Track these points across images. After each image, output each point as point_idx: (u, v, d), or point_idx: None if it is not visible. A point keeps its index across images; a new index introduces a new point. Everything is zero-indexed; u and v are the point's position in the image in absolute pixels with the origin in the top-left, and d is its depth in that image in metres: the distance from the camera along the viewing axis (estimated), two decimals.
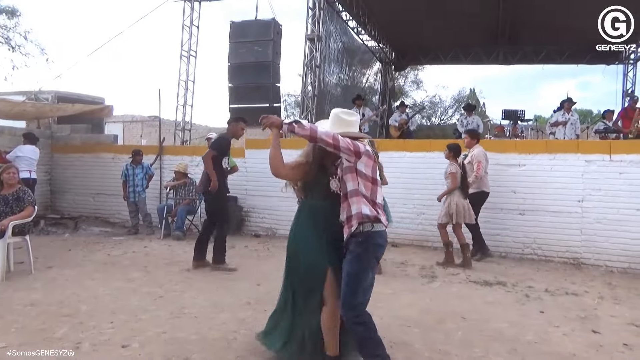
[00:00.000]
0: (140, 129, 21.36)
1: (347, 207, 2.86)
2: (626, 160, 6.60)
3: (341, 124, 2.95)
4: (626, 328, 4.20)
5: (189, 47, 11.28)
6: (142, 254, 6.80)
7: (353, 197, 2.83)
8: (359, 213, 2.80)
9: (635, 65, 14.47)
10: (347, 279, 2.80)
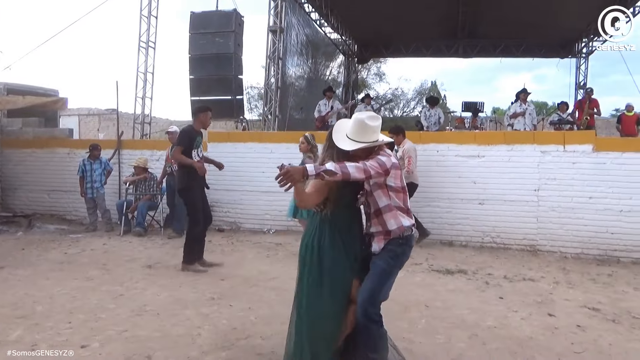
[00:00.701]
0: (97, 123, 20.66)
1: (382, 223, 2.76)
2: (579, 150, 6.88)
3: (366, 131, 2.71)
4: (579, 310, 4.40)
5: (147, 38, 10.95)
6: (101, 251, 6.60)
7: (387, 213, 2.74)
8: (400, 227, 2.73)
9: (587, 59, 15.09)
10: (378, 276, 2.72)
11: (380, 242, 2.78)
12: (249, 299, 4.47)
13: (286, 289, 4.80)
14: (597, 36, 14.01)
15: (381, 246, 2.77)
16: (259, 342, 3.45)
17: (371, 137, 2.72)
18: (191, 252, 5.55)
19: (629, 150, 6.73)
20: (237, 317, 3.98)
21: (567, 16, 12.85)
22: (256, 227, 8.20)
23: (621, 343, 3.63)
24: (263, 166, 7.98)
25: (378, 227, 2.77)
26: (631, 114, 10.80)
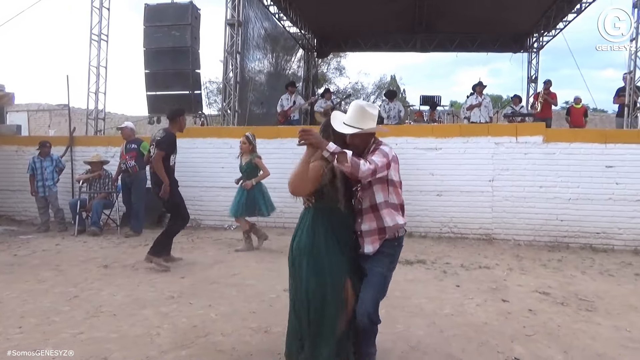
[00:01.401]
0: (48, 119, 19.84)
1: (377, 219, 2.68)
2: (530, 141, 7.15)
3: (364, 118, 2.66)
4: (531, 295, 4.59)
5: (99, 31, 10.55)
6: (54, 252, 6.36)
7: (384, 210, 2.67)
8: (396, 225, 2.69)
9: (538, 54, 15.63)
10: (381, 285, 2.70)
11: (375, 242, 2.70)
12: (209, 296, 4.42)
13: (247, 285, 4.80)
14: (547, 31, 14.57)
15: (376, 247, 2.69)
16: (220, 339, 3.42)
17: (369, 125, 2.66)
18: (164, 246, 5.43)
19: (577, 141, 7.05)
20: (197, 315, 3.93)
21: (519, 12, 13.27)
22: (217, 223, 8.11)
23: (569, 324, 3.81)
24: (223, 161, 7.90)
25: (372, 223, 2.69)
26: (579, 106, 11.31)
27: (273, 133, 8.21)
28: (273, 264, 5.66)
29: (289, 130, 8.53)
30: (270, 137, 8.08)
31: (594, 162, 6.94)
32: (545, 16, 13.62)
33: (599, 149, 6.94)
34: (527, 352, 3.26)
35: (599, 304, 4.34)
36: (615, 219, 6.86)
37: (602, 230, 6.89)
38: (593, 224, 6.92)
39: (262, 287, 4.72)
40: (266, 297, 4.38)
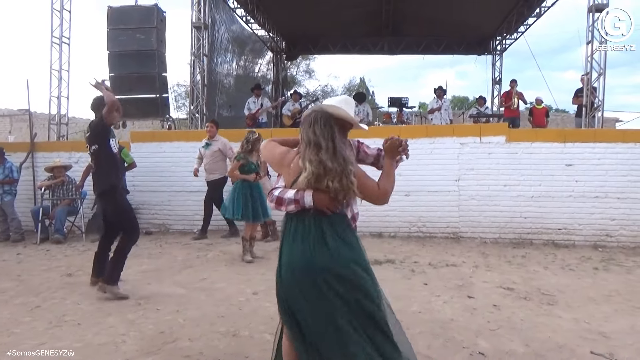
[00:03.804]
0: (8, 124, 19.18)
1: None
2: (493, 141, 7.34)
3: (349, 107, 2.49)
4: (496, 291, 4.71)
5: (60, 33, 10.28)
6: (15, 261, 6.15)
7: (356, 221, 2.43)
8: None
9: (502, 56, 16.03)
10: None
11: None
12: (177, 301, 4.36)
13: (216, 289, 4.76)
14: (510, 34, 14.98)
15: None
16: (187, 345, 3.38)
17: (351, 114, 2.46)
18: (118, 270, 4.57)
19: (538, 140, 7.28)
20: (164, 320, 3.87)
21: (482, 15, 13.60)
22: (186, 228, 8.01)
23: (531, 318, 3.93)
24: (191, 165, 7.79)
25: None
26: (540, 107, 11.67)
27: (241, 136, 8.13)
28: (242, 268, 5.63)
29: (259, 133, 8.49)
30: (238, 140, 7.97)
31: (554, 161, 7.18)
32: (507, 20, 14.00)
33: (559, 148, 7.18)
34: (491, 347, 3.35)
35: (560, 298, 4.49)
36: (575, 215, 7.12)
37: (564, 227, 7.13)
38: (555, 220, 7.16)
39: (231, 290, 4.69)
40: (235, 301, 4.35)
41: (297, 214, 2.23)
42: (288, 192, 2.23)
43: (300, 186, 2.20)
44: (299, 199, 2.18)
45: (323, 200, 2.17)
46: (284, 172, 2.35)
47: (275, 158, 2.39)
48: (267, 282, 4.82)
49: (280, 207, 2.24)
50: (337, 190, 2.15)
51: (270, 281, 4.83)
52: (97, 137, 4.57)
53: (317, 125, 2.20)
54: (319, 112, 2.26)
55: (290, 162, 2.30)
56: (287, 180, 2.32)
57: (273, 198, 2.28)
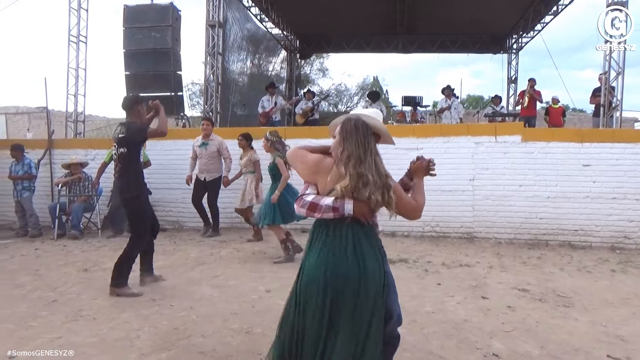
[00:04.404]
0: (27, 122, 19.47)
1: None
2: (509, 141, 7.26)
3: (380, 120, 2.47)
4: (510, 292, 4.66)
5: (77, 32, 10.41)
6: (33, 256, 6.25)
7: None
8: None
9: (518, 54, 15.86)
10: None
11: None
12: (191, 298, 4.39)
13: (229, 286, 4.79)
14: (526, 32, 14.80)
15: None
16: (200, 341, 3.41)
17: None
18: (124, 274, 4.54)
19: (554, 140, 7.18)
20: (178, 317, 3.90)
21: (498, 14, 13.46)
22: (200, 225, 8.04)
23: (546, 320, 3.88)
24: None
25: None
26: (557, 106, 11.51)
27: (255, 134, 8.17)
28: (256, 265, 5.65)
29: None
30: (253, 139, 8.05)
31: (571, 161, 7.07)
32: (523, 18, 13.84)
33: (576, 148, 7.08)
34: (505, 348, 3.31)
35: (576, 300, 4.43)
36: (593, 217, 7.00)
37: (580, 228, 7.03)
38: (571, 221, 7.05)
39: (244, 288, 4.71)
40: (248, 298, 4.37)
41: (331, 222, 2.21)
42: (325, 199, 2.18)
43: (338, 195, 2.16)
44: (338, 206, 2.15)
45: (363, 209, 2.16)
46: (319, 179, 2.28)
47: (309, 165, 2.31)
48: (280, 280, 4.84)
49: (314, 213, 2.19)
50: (377, 203, 2.16)
51: (284, 279, 4.88)
52: (131, 142, 4.54)
53: (358, 134, 2.19)
54: (358, 121, 2.24)
55: (327, 169, 2.25)
56: (322, 187, 2.27)
57: (305, 203, 2.22)
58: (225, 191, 7.68)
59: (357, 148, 2.16)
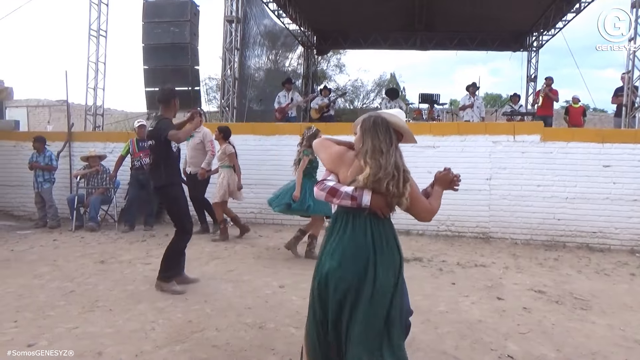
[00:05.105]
0: (47, 114, 19.82)
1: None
2: (527, 140, 7.15)
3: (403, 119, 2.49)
4: (526, 293, 4.60)
5: (97, 26, 10.53)
6: (51, 247, 6.36)
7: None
8: None
9: (538, 52, 15.61)
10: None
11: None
12: (205, 292, 4.42)
13: (243, 280, 4.81)
14: (547, 30, 14.56)
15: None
16: (214, 334, 3.43)
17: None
18: (172, 268, 4.53)
19: (574, 140, 7.06)
20: (192, 310, 3.94)
21: (518, 11, 13.25)
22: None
23: (563, 322, 3.83)
24: None
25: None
26: (577, 106, 11.30)
27: (271, 130, 8.22)
28: (270, 261, 5.67)
29: (287, 127, 8.54)
30: (268, 134, 8.09)
31: (591, 162, 6.94)
32: (544, 15, 13.60)
33: (597, 149, 6.94)
34: (520, 350, 3.28)
35: (593, 303, 4.36)
36: (612, 219, 6.87)
37: (599, 230, 6.90)
38: (590, 223, 6.93)
39: (258, 283, 4.73)
40: (262, 293, 4.39)
41: (350, 212, 2.27)
42: (345, 187, 2.25)
43: (359, 184, 2.22)
44: (356, 196, 2.21)
45: (380, 202, 2.22)
46: (341, 169, 2.35)
47: (332, 155, 2.39)
48: (294, 276, 4.85)
49: (333, 198, 2.26)
50: (394, 195, 2.21)
51: (297, 275, 4.88)
52: (158, 134, 4.50)
53: (377, 129, 2.27)
54: (378, 117, 2.32)
55: (349, 162, 2.32)
56: (343, 177, 2.33)
57: (325, 187, 2.28)
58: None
59: (375, 141, 2.24)
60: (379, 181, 2.19)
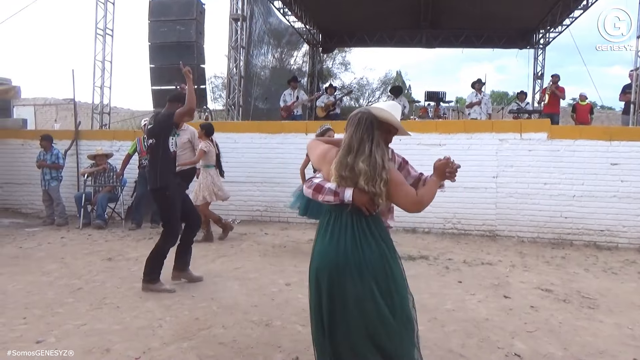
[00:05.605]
0: (54, 113, 19.93)
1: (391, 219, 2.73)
2: (534, 138, 7.12)
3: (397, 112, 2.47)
4: (533, 292, 4.58)
5: (104, 25, 10.56)
6: (59, 245, 6.41)
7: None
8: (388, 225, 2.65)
9: (545, 50, 15.51)
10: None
11: None
12: (212, 289, 4.44)
13: (249, 278, 4.83)
14: (554, 27, 14.45)
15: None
16: (221, 332, 3.45)
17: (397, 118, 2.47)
18: (155, 270, 4.46)
19: (581, 138, 7.02)
20: (199, 307, 3.95)
21: (525, 8, 13.15)
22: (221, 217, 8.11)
23: (570, 321, 3.81)
24: (226, 156, 7.87)
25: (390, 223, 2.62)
26: (584, 104, 11.23)
27: (276, 128, 8.22)
28: (276, 258, 5.69)
29: (292, 125, 8.55)
30: (273, 132, 8.10)
31: (598, 160, 6.90)
32: (551, 12, 13.50)
33: (604, 147, 6.90)
34: (527, 348, 3.27)
35: (601, 302, 4.33)
36: (620, 217, 6.83)
37: (607, 228, 6.86)
38: (597, 221, 6.89)
39: (264, 281, 4.75)
40: (268, 291, 4.41)
41: (336, 209, 2.30)
42: (329, 184, 2.31)
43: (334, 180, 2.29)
44: (339, 192, 2.25)
45: (362, 198, 2.22)
46: (324, 167, 2.41)
47: (317, 154, 2.47)
48: (300, 274, 4.85)
49: (319, 194, 2.31)
50: (372, 193, 2.20)
51: (303, 273, 4.85)
52: (160, 131, 4.47)
53: (359, 127, 2.25)
54: (364, 114, 2.30)
55: (331, 159, 2.35)
56: (325, 174, 2.40)
57: (312, 184, 2.36)
58: (244, 185, 7.74)
59: (353, 138, 2.25)
60: (344, 179, 2.22)
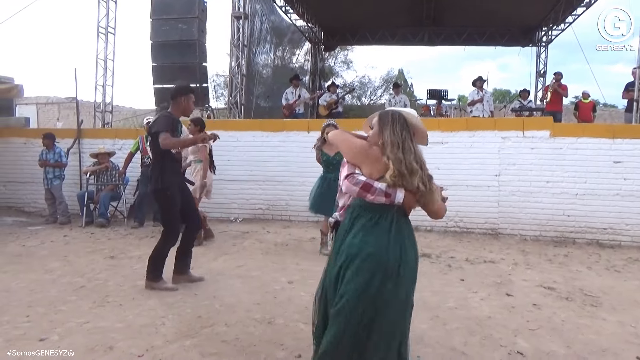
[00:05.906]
0: (57, 112, 19.97)
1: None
2: (537, 136, 7.10)
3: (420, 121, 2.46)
4: (536, 290, 4.58)
5: (106, 23, 10.57)
6: (62, 243, 6.43)
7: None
8: None
9: (547, 48, 15.46)
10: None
11: None
12: (214, 287, 4.45)
13: (252, 276, 4.83)
14: (556, 25, 14.41)
15: None
16: (224, 330, 3.45)
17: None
18: (157, 269, 4.45)
19: (584, 136, 7.00)
20: (201, 305, 3.96)
21: (528, 5, 13.12)
22: (223, 215, 8.14)
23: (573, 319, 3.81)
24: (229, 154, 7.92)
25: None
26: (587, 101, 11.20)
27: (278, 126, 8.22)
28: (278, 257, 5.69)
29: (294, 123, 8.55)
30: (275, 130, 8.09)
31: (601, 158, 6.88)
32: (554, 10, 13.46)
33: (607, 144, 6.88)
34: (530, 346, 3.26)
35: (604, 300, 4.33)
36: (623, 215, 6.81)
37: (609, 226, 6.85)
38: (600, 219, 6.88)
39: (266, 278, 4.75)
40: (270, 289, 4.41)
41: (380, 208, 2.27)
42: (378, 183, 2.24)
43: (389, 183, 2.23)
44: (390, 193, 2.22)
45: (410, 200, 2.26)
46: (365, 165, 2.32)
47: (356, 148, 2.36)
48: (302, 272, 4.86)
49: (367, 193, 2.24)
50: (423, 193, 2.24)
51: (305, 271, 4.90)
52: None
53: (394, 124, 2.28)
54: (395, 112, 2.34)
55: (375, 158, 2.30)
56: (366, 173, 2.30)
57: (358, 182, 2.24)
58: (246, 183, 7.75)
59: (394, 135, 2.25)
60: (405, 176, 2.20)
